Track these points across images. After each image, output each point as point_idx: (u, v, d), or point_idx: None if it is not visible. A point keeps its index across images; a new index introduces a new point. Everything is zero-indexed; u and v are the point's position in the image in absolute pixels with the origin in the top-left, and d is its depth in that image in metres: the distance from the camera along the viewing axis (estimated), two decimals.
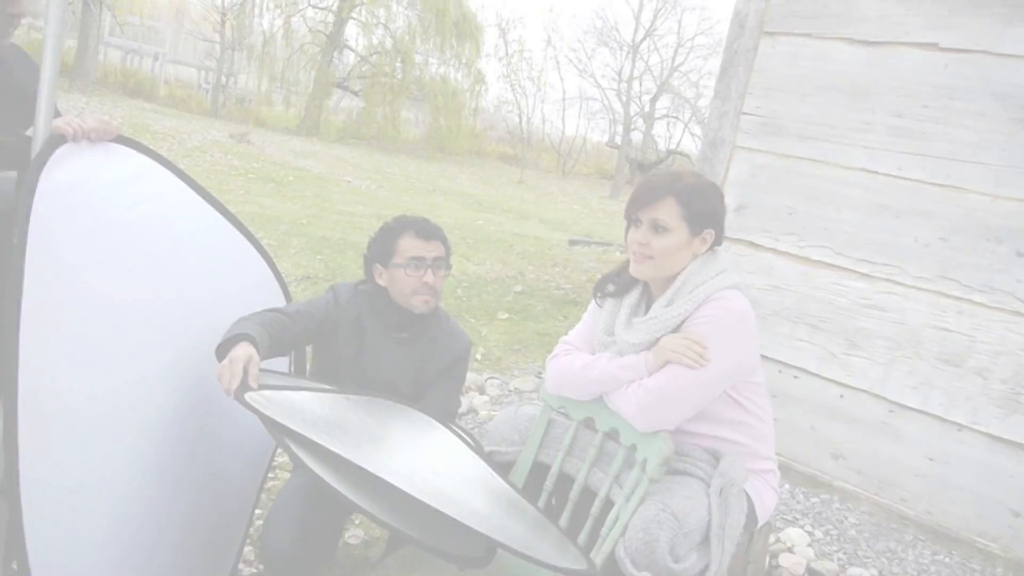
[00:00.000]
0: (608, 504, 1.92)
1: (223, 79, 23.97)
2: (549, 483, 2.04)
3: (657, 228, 1.87)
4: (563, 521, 1.99)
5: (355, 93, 25.23)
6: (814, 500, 3.31)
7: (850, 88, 3.35)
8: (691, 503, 1.79)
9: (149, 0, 25.81)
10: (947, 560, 2.99)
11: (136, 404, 1.83)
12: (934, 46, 3.16)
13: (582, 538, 1.93)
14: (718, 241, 1.95)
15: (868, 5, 3.31)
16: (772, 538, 2.93)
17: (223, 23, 23.93)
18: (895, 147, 3.24)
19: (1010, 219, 2.98)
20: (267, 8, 23.99)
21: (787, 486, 3.40)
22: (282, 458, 2.92)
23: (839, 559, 2.91)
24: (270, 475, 2.77)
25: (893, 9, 3.24)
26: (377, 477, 1.59)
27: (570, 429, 2.04)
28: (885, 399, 3.25)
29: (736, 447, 1.95)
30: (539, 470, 2.09)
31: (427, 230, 2.19)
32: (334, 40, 24.15)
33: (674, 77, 28.46)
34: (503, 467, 2.06)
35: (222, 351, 1.82)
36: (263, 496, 2.59)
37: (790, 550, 2.87)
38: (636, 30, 28.40)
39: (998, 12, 3.00)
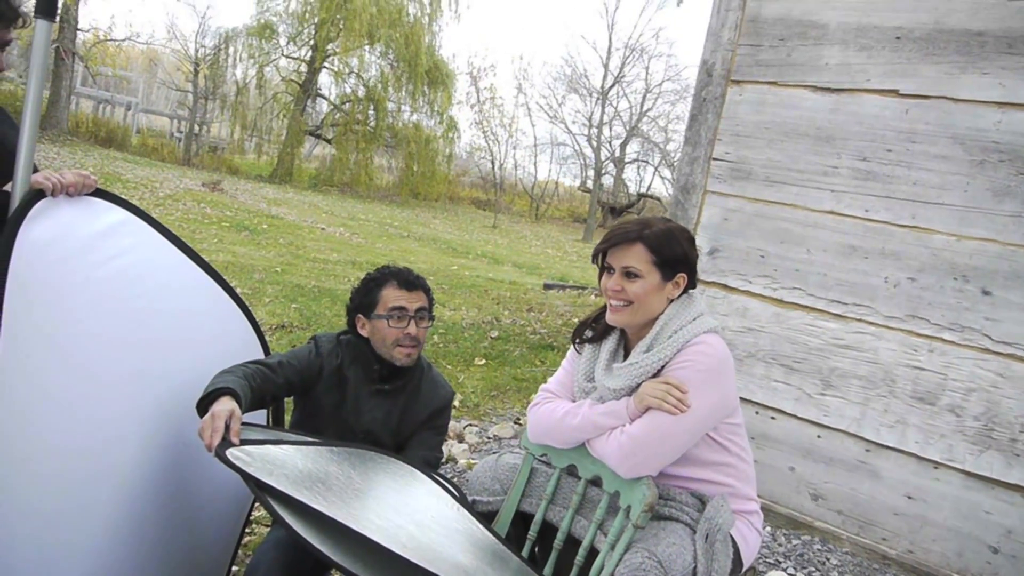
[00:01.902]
0: (592, 552, 1.91)
1: (196, 128, 24.03)
2: (533, 532, 2.03)
3: (629, 275, 1.91)
4: (547, 571, 1.98)
5: (328, 141, 25.42)
6: (796, 542, 3.31)
7: (815, 134, 3.44)
8: (676, 549, 1.78)
9: (121, 51, 25.93)
10: None
11: (112, 460, 1.80)
12: (894, 92, 3.26)
13: None
14: (692, 284, 1.98)
15: (830, 54, 3.42)
16: None
17: (196, 73, 24.08)
18: (861, 190, 3.32)
19: (974, 258, 3.06)
20: (240, 58, 24.20)
21: (768, 528, 3.40)
22: (259, 512, 2.88)
23: None
24: (247, 530, 2.72)
25: (854, 58, 3.36)
26: (361, 534, 1.57)
27: (552, 477, 2.03)
28: (862, 438, 3.28)
29: (720, 488, 1.95)
30: (522, 519, 2.08)
31: (410, 281, 2.19)
32: (307, 89, 24.36)
33: (643, 122, 29.05)
34: (485, 517, 2.05)
35: (203, 405, 1.80)
36: (240, 552, 2.55)
37: None
38: (605, 77, 29.03)
39: (953, 60, 3.12)
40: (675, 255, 1.91)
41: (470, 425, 4.37)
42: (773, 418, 3.51)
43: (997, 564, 2.99)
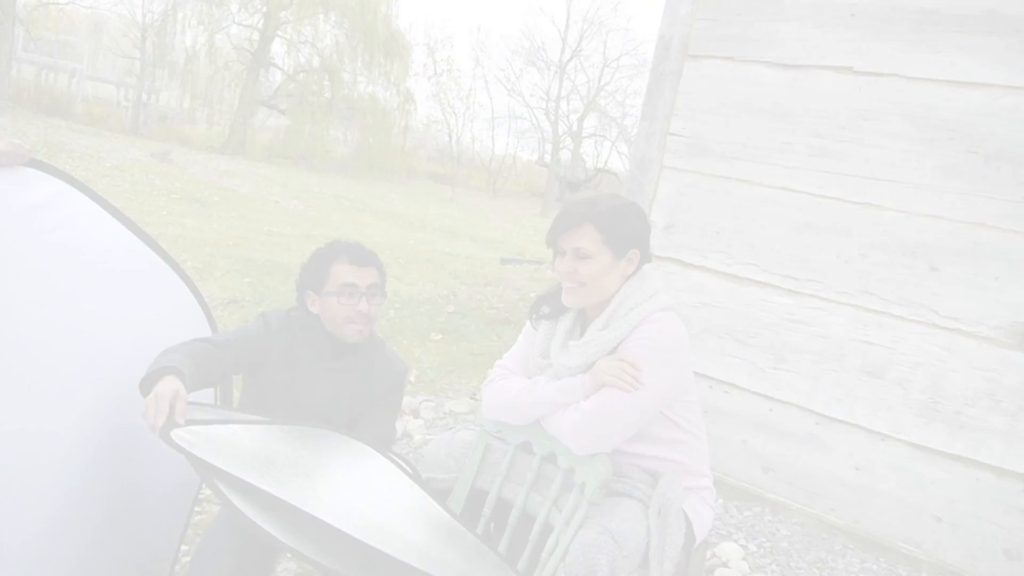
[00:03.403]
0: (547, 528, 1.91)
1: (144, 96, 23.30)
2: (487, 509, 2.02)
3: (580, 256, 1.89)
4: (502, 547, 1.97)
5: (281, 111, 24.87)
6: (747, 513, 3.36)
7: (771, 110, 3.45)
8: (630, 525, 1.79)
9: (65, 15, 24.95)
10: (875, 567, 3.07)
11: (50, 445, 1.73)
12: (849, 69, 3.28)
13: (522, 564, 1.91)
14: (646, 259, 1.98)
15: (787, 30, 3.43)
16: (707, 553, 2.96)
17: (143, 39, 23.30)
18: (815, 166, 3.34)
19: (923, 235, 3.11)
20: (189, 25, 23.43)
21: (720, 500, 3.45)
22: (209, 492, 2.82)
23: (772, 571, 2.97)
24: (197, 509, 2.67)
25: (810, 34, 3.36)
26: (311, 515, 1.54)
27: (508, 454, 2.02)
28: (812, 412, 3.34)
29: (673, 465, 1.96)
30: (477, 496, 2.07)
31: (361, 256, 2.14)
32: (259, 58, 23.76)
33: (601, 96, 28.98)
34: (440, 494, 2.03)
35: (146, 385, 1.74)
36: (190, 531, 2.50)
37: (725, 564, 2.91)
38: (563, 50, 28.88)
39: (907, 38, 3.15)
40: (625, 232, 1.90)
41: (426, 401, 4.34)
42: (726, 392, 3.55)
43: (940, 533, 3.08)
